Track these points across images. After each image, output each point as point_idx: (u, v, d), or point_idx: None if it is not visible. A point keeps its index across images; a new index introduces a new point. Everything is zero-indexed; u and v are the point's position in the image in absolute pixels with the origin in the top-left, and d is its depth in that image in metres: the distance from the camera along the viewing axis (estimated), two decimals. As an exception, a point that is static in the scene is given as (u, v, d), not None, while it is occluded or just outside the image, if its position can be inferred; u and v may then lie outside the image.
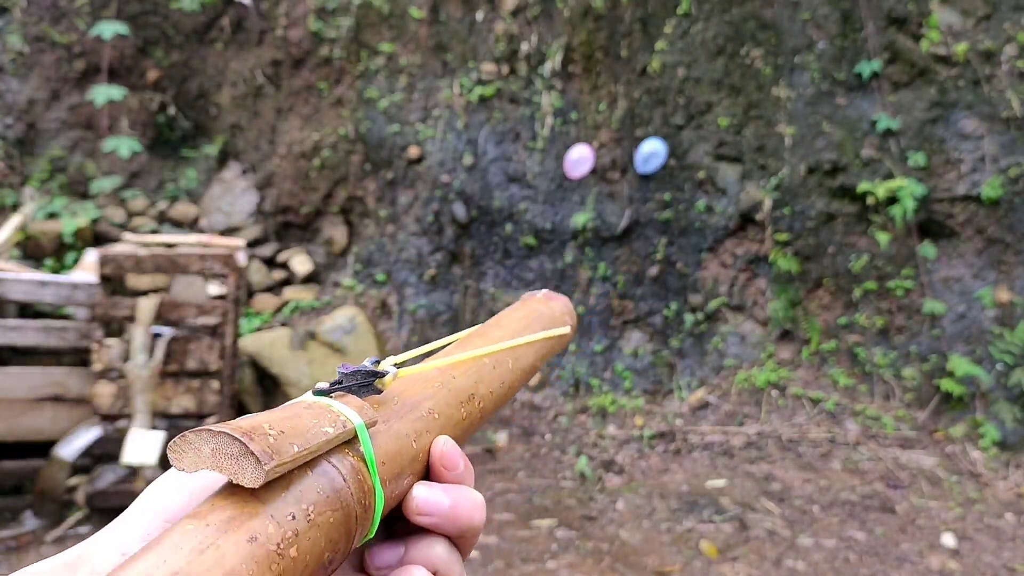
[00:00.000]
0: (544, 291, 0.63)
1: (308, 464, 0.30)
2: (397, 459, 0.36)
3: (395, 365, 0.39)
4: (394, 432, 0.36)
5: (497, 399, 0.47)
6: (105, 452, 3.15)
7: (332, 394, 0.35)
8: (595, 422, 4.53)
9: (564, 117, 5.23)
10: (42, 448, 3.18)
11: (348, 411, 0.33)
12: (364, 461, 0.33)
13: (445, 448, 0.39)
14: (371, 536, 0.34)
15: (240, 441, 0.27)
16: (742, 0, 4.95)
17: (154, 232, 4.92)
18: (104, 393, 3.16)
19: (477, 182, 5.19)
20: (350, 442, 0.33)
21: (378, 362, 0.39)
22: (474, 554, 2.87)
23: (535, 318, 0.57)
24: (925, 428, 4.21)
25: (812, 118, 4.81)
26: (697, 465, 4.00)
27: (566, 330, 0.60)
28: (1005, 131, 4.40)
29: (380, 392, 0.37)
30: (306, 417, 0.31)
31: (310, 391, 0.35)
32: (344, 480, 0.31)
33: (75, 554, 0.32)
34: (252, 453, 0.27)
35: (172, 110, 5.42)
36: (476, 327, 0.53)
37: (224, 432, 0.27)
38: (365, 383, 0.36)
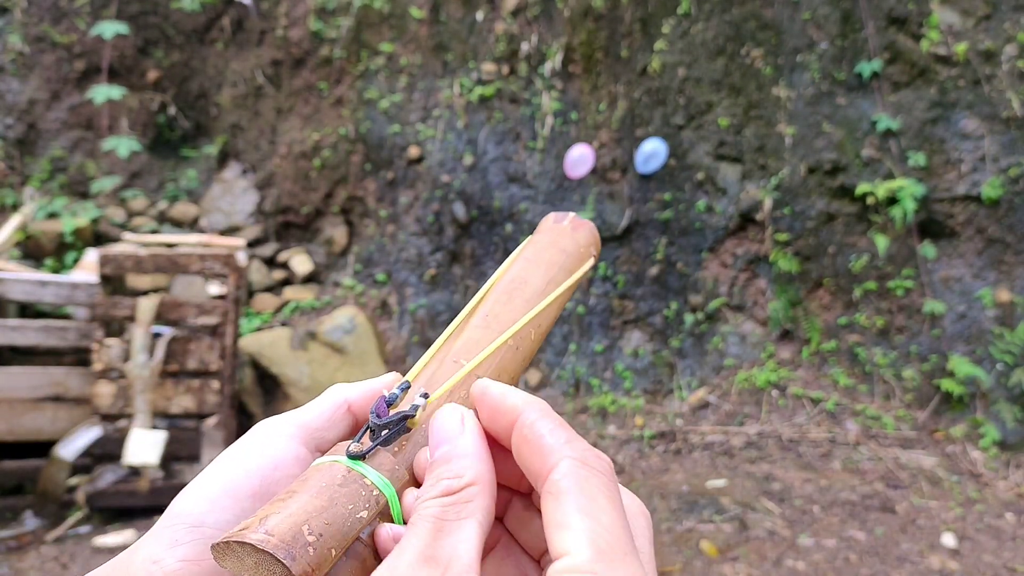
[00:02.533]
0: (571, 216, 0.56)
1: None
2: None
3: (423, 395, 0.38)
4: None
5: (517, 376, 0.47)
6: (105, 452, 3.15)
7: (367, 455, 0.35)
8: (595, 422, 4.53)
9: (564, 117, 5.23)
10: (42, 448, 3.18)
11: (381, 482, 0.34)
12: (392, 520, 0.34)
13: None
14: None
15: (283, 564, 0.28)
16: (742, 0, 4.95)
17: (154, 232, 4.92)
18: (104, 393, 3.16)
19: (477, 182, 5.19)
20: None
21: (407, 387, 0.39)
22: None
23: (561, 262, 0.52)
24: (925, 428, 4.21)
25: (812, 118, 4.81)
26: (697, 465, 4.00)
27: (590, 264, 0.55)
28: (1005, 131, 4.40)
29: (410, 430, 0.37)
30: (341, 503, 0.32)
31: (344, 448, 0.35)
32: (369, 547, 0.33)
33: (106, 571, 0.33)
34: None
35: (172, 110, 5.42)
36: (498, 285, 0.48)
37: (268, 552, 0.28)
38: (396, 430, 0.36)
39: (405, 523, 0.33)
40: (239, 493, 0.33)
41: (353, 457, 0.34)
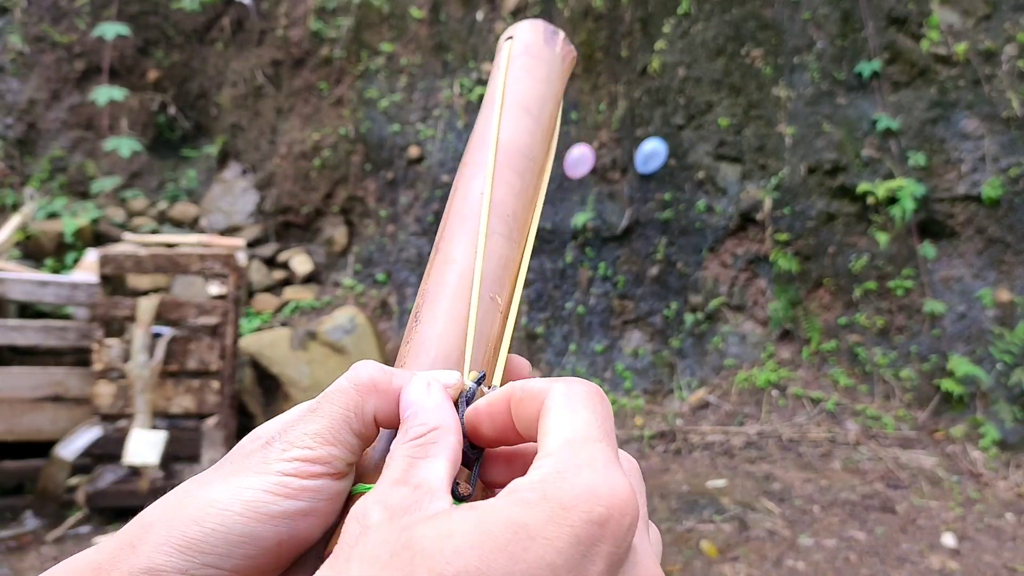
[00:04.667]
0: (561, 38, 0.45)
1: None
2: None
3: (479, 382, 0.35)
4: None
5: None
6: (105, 452, 3.15)
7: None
8: (595, 422, 4.52)
9: (564, 117, 5.23)
10: (42, 448, 3.18)
11: None
12: None
13: None
14: None
15: None
16: (742, 0, 4.95)
17: (154, 232, 4.92)
18: (104, 393, 3.16)
19: (477, 182, 5.19)
20: None
21: (483, 378, 0.35)
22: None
23: (556, 113, 0.43)
24: (925, 428, 4.21)
25: (812, 118, 4.81)
26: (697, 465, 4.00)
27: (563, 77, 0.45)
28: (1005, 131, 4.40)
29: None
30: None
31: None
32: None
33: (106, 553, 0.31)
34: None
35: (172, 110, 5.42)
36: (505, 151, 0.40)
37: None
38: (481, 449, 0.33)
39: None
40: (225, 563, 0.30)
41: (460, 499, 0.31)
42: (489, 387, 0.35)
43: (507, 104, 0.41)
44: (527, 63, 0.44)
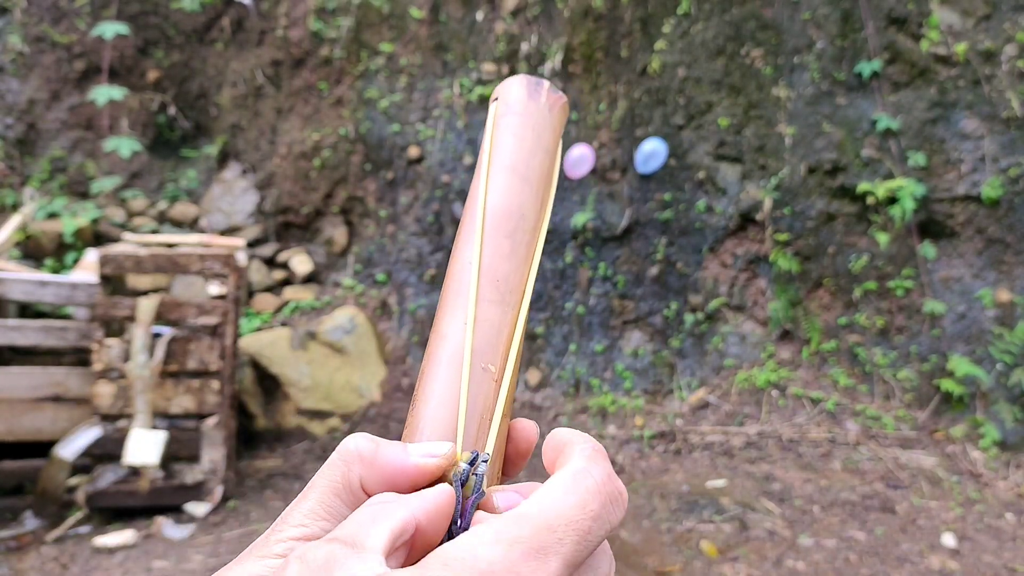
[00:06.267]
0: (547, 88, 0.46)
1: None
2: None
3: (483, 459, 0.34)
4: None
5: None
6: (105, 452, 3.15)
7: None
8: (595, 422, 4.53)
9: (564, 117, 5.23)
10: (42, 448, 3.18)
11: None
12: None
13: None
14: None
15: None
16: (742, 0, 4.95)
17: (154, 232, 4.92)
18: (104, 393, 3.16)
19: (477, 182, 5.19)
20: None
21: (476, 457, 0.34)
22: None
23: (548, 168, 0.43)
24: (925, 428, 4.21)
25: (812, 118, 4.80)
26: (697, 465, 4.00)
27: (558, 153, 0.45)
28: (1005, 131, 4.40)
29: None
30: None
31: None
32: None
33: None
34: None
35: (172, 110, 5.42)
36: (493, 216, 0.39)
37: None
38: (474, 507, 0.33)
39: None
40: None
41: None
42: (485, 460, 0.34)
43: (493, 168, 0.42)
44: (511, 122, 0.44)
